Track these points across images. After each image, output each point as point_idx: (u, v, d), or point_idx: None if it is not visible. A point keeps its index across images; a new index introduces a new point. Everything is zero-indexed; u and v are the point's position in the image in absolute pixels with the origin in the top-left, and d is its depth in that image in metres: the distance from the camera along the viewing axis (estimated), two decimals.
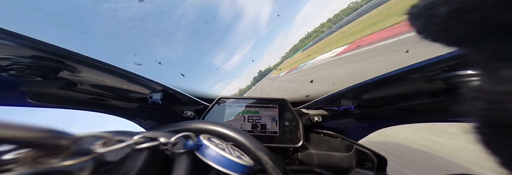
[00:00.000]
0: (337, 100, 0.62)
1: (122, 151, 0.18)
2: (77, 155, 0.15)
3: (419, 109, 0.53)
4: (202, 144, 0.23)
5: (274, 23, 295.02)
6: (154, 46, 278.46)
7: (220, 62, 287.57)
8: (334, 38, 19.86)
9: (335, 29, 25.96)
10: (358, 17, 22.95)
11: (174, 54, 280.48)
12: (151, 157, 0.19)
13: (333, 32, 24.69)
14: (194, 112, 0.74)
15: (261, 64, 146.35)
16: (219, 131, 0.29)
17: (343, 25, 23.90)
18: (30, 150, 0.12)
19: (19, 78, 0.38)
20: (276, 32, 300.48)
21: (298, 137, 0.64)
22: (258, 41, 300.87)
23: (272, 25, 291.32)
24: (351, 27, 20.71)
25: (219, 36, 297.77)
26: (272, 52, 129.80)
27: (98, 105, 0.58)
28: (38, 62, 0.35)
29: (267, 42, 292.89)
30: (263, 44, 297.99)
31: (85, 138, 0.17)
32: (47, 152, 0.13)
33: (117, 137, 0.19)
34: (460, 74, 0.32)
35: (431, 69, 0.34)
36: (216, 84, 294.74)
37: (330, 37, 23.01)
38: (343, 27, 21.68)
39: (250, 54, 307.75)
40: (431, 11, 0.13)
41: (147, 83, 0.53)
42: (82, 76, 0.43)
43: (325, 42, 21.65)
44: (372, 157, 0.63)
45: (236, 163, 0.22)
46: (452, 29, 0.12)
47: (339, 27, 24.47)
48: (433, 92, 0.43)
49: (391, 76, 0.40)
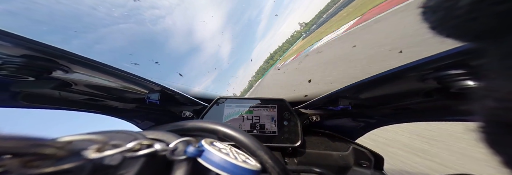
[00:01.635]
0: (334, 99, 0.62)
1: (117, 157, 0.17)
2: (67, 161, 0.14)
3: (415, 108, 0.54)
4: (204, 149, 0.22)
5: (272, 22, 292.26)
6: (152, 44, 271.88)
7: (219, 62, 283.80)
8: (336, 20, 17.94)
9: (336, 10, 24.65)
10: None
11: (173, 53, 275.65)
12: (148, 163, 0.18)
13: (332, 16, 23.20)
14: (192, 112, 0.73)
15: (261, 62, 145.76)
16: (217, 129, 0.28)
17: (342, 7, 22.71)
18: (13, 158, 0.12)
19: (11, 79, 0.36)
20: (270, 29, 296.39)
21: (297, 137, 0.65)
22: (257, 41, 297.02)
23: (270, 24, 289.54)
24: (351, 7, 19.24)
25: (219, 37, 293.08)
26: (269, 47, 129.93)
27: (94, 105, 0.57)
28: (31, 62, 0.34)
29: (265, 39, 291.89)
30: (263, 44, 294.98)
31: (77, 142, 0.16)
32: (32, 160, 0.13)
33: (112, 141, 0.17)
34: (459, 73, 0.32)
35: (427, 68, 0.34)
36: (214, 84, 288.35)
37: (331, 20, 21.33)
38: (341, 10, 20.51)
39: (251, 55, 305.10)
40: (450, 3, 0.12)
41: (145, 84, 0.52)
42: (77, 76, 0.42)
43: (327, 25, 20.24)
44: (370, 156, 0.64)
45: (243, 169, 0.21)
46: (472, 22, 0.11)
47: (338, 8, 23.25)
48: (429, 91, 0.44)
49: (388, 75, 0.40)
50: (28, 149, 0.12)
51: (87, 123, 1.41)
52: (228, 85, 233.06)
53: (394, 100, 0.55)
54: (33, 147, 0.13)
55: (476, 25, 0.12)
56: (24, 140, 0.12)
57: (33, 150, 0.13)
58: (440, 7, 0.13)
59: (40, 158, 0.13)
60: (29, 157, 0.13)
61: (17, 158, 0.12)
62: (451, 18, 0.12)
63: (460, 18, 0.12)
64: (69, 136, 0.16)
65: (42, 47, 0.31)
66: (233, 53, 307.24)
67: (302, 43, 31.48)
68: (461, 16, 0.12)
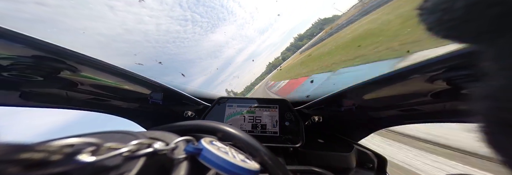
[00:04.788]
0: (337, 100, 0.62)
1: (115, 159, 0.17)
2: (59, 165, 0.14)
3: (420, 109, 0.53)
4: (203, 148, 0.22)
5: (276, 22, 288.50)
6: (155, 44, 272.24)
7: (221, 62, 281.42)
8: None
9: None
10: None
11: (175, 53, 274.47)
12: (148, 163, 0.18)
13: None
14: (194, 112, 0.74)
15: (262, 63, 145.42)
16: (217, 129, 0.28)
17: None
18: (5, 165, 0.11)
19: (20, 78, 0.38)
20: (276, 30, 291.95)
21: (298, 137, 0.64)
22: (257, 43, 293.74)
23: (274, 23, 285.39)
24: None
25: (219, 37, 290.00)
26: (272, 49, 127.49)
27: (99, 105, 0.58)
28: (40, 62, 0.36)
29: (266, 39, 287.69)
30: (262, 45, 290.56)
31: (72, 145, 0.15)
32: (21, 166, 0.12)
33: (109, 144, 0.17)
34: (462, 74, 0.32)
35: (433, 69, 0.34)
36: (216, 84, 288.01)
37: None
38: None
39: (250, 55, 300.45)
40: (446, 5, 0.12)
41: (148, 84, 0.53)
42: (83, 76, 0.44)
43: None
44: (372, 158, 0.63)
45: (241, 168, 0.21)
46: (468, 24, 0.12)
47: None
48: (435, 92, 0.43)
49: (392, 76, 0.40)
50: (13, 156, 0.12)
51: (93, 122, 1.42)
52: (229, 86, 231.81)
53: (398, 101, 0.54)
54: (18, 153, 0.12)
55: (471, 27, 0.12)
56: (8, 147, 0.12)
57: (19, 156, 0.12)
58: (436, 9, 0.13)
59: (29, 164, 0.12)
60: (16, 164, 0.12)
61: (3, 165, 0.11)
62: (447, 20, 0.13)
63: (456, 20, 0.12)
64: (65, 139, 0.15)
65: (50, 48, 0.32)
66: (235, 53, 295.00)
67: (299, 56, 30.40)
68: (456, 18, 0.12)
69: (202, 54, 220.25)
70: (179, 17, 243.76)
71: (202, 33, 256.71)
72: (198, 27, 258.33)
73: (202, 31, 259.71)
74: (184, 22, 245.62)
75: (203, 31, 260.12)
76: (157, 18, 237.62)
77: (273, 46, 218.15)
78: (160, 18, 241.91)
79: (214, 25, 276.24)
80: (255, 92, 29.41)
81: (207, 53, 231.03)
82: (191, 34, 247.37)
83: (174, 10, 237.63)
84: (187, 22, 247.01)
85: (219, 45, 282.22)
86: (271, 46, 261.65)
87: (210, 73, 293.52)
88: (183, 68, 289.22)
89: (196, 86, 61.23)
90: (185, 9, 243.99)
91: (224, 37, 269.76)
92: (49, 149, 0.14)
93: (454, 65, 0.31)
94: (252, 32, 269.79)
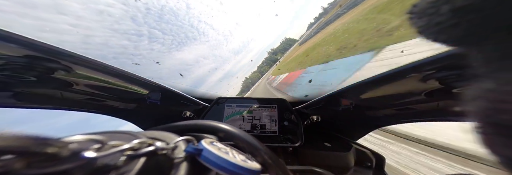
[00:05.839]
0: (335, 99, 0.62)
1: (117, 156, 0.17)
2: (67, 160, 0.14)
3: (416, 108, 0.54)
4: (204, 148, 0.22)
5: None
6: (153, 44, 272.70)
7: (220, 62, 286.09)
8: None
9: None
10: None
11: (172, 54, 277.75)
12: (149, 162, 0.18)
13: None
14: (193, 112, 0.73)
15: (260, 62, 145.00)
16: (217, 129, 0.28)
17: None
18: (15, 158, 0.12)
19: (13, 79, 0.37)
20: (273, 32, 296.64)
21: (297, 137, 0.65)
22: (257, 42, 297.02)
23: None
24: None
25: (219, 37, 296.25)
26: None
27: (95, 105, 0.57)
28: (33, 62, 0.35)
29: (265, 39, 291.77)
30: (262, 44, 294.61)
31: (79, 142, 0.16)
32: (32, 159, 0.13)
33: (113, 142, 0.17)
34: (456, 74, 0.33)
35: (428, 68, 0.34)
36: (215, 84, 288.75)
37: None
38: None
39: (250, 55, 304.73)
40: (433, 10, 0.13)
41: (145, 84, 0.53)
42: (78, 76, 0.43)
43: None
44: (371, 156, 0.63)
45: (242, 168, 0.21)
46: (454, 28, 0.12)
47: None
48: (430, 91, 0.44)
49: (389, 75, 0.40)
50: (32, 149, 0.12)
51: (89, 123, 1.40)
52: (228, 86, 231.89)
53: (395, 100, 0.55)
54: (36, 146, 0.13)
55: (457, 30, 0.12)
56: (28, 139, 0.12)
57: (36, 149, 0.13)
58: (424, 14, 0.14)
59: (42, 158, 0.13)
60: (31, 157, 0.13)
61: (19, 158, 0.12)
62: (435, 24, 0.13)
63: (442, 24, 0.13)
64: (70, 136, 0.16)
65: (44, 47, 0.31)
66: (234, 53, 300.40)
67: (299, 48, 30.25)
68: (443, 22, 0.13)
69: (162, 73, 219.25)
70: (129, 32, 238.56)
71: (163, 50, 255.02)
72: (159, 44, 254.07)
73: (163, 48, 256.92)
74: (137, 37, 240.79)
75: (165, 48, 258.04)
76: (88, 29, 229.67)
77: (248, 66, 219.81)
78: (94, 29, 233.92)
79: (181, 43, 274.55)
80: (254, 90, 28.98)
81: (169, 72, 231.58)
82: (146, 50, 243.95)
83: (121, 23, 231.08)
84: (141, 37, 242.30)
85: (186, 63, 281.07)
86: (246, 66, 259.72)
87: (209, 73, 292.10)
88: (181, 68, 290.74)
89: (195, 86, 59.61)
90: (140, 24, 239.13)
91: (194, 56, 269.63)
92: (59, 145, 0.14)
93: (449, 65, 0.32)
94: (226, 53, 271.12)
